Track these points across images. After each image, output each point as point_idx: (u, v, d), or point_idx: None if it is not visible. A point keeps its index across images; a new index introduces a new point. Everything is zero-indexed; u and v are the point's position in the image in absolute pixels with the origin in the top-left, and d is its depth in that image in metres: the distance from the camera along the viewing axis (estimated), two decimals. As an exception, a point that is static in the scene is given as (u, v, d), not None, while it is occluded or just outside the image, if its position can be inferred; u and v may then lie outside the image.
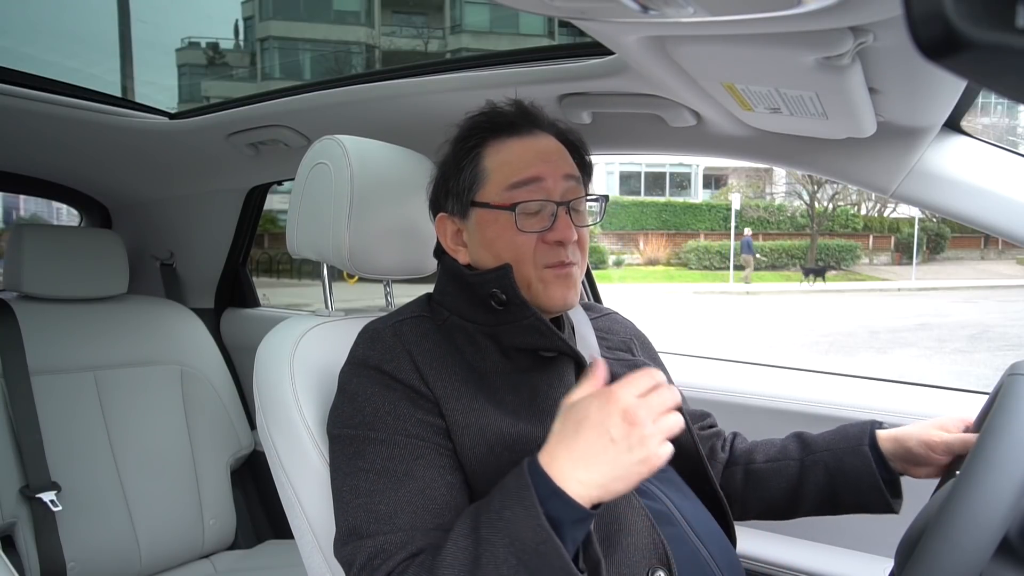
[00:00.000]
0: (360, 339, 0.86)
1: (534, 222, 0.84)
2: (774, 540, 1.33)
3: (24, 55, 19.87)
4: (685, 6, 0.61)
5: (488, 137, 0.88)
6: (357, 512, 0.75)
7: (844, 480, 0.94)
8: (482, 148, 0.88)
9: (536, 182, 0.85)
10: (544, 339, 0.83)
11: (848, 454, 0.95)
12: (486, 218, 0.86)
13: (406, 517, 0.73)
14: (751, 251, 19.22)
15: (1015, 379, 0.68)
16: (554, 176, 0.86)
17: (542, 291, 0.85)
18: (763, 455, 1.03)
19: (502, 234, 0.85)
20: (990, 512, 0.57)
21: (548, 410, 0.82)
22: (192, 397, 1.78)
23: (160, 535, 1.63)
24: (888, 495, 0.92)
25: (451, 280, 0.90)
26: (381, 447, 0.77)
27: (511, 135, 0.88)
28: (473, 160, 0.87)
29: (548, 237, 0.84)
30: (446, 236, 0.91)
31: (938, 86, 0.84)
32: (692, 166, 25.46)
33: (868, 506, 0.95)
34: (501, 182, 0.85)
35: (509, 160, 0.86)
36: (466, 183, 0.87)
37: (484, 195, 0.86)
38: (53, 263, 1.64)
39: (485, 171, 0.87)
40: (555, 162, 0.87)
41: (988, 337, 11.04)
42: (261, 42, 23.50)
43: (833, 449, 0.97)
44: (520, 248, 0.84)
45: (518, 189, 0.84)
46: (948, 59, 0.24)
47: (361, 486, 0.75)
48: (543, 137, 0.89)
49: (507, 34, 22.98)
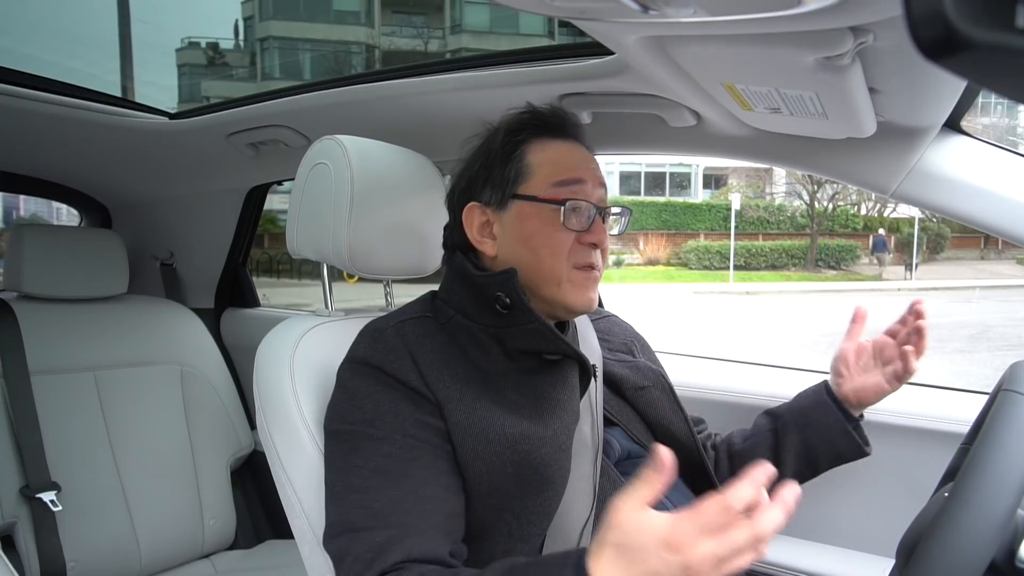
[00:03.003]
0: (361, 338, 0.85)
1: (576, 222, 0.85)
2: (774, 540, 1.33)
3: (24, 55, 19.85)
4: (685, 6, 0.61)
5: (533, 134, 0.89)
6: (351, 508, 0.75)
7: (815, 432, 1.02)
8: (527, 144, 0.89)
9: (580, 183, 0.87)
10: (548, 343, 0.83)
11: (811, 409, 1.03)
12: (527, 211, 0.86)
13: (399, 515, 0.73)
14: (885, 250, 20.01)
15: (1008, 395, 0.68)
16: (593, 182, 0.88)
17: (570, 290, 0.86)
18: (740, 437, 1.09)
19: (543, 228, 0.85)
20: (983, 528, 0.57)
21: (551, 411, 0.82)
22: (192, 397, 1.78)
23: (160, 535, 1.63)
24: (857, 438, 1.01)
25: (458, 279, 0.89)
26: (379, 445, 0.77)
27: (555, 136, 0.90)
28: (519, 153, 0.88)
29: (585, 238, 0.86)
30: (472, 226, 0.90)
31: (938, 86, 0.84)
32: (692, 166, 25.45)
33: (843, 453, 1.02)
34: (548, 178, 0.86)
35: (556, 159, 0.88)
36: (511, 174, 0.88)
37: (529, 188, 0.87)
38: (53, 263, 1.64)
39: (530, 165, 0.88)
40: (593, 169, 0.90)
41: (988, 337, 11.03)
42: (261, 42, 23.50)
43: (797, 408, 1.05)
44: (558, 244, 0.85)
45: (564, 187, 0.86)
46: (948, 59, 0.24)
47: (355, 482, 0.75)
48: (580, 146, 0.92)
49: (507, 34, 22.97)
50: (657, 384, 1.00)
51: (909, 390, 1.32)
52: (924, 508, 0.69)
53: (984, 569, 0.57)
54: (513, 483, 0.78)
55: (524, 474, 0.78)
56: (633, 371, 1.01)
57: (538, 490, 0.79)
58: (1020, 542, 0.59)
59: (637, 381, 0.99)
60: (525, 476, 0.78)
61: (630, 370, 1.01)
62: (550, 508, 0.81)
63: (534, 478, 0.79)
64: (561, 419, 0.82)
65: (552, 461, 0.80)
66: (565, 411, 0.83)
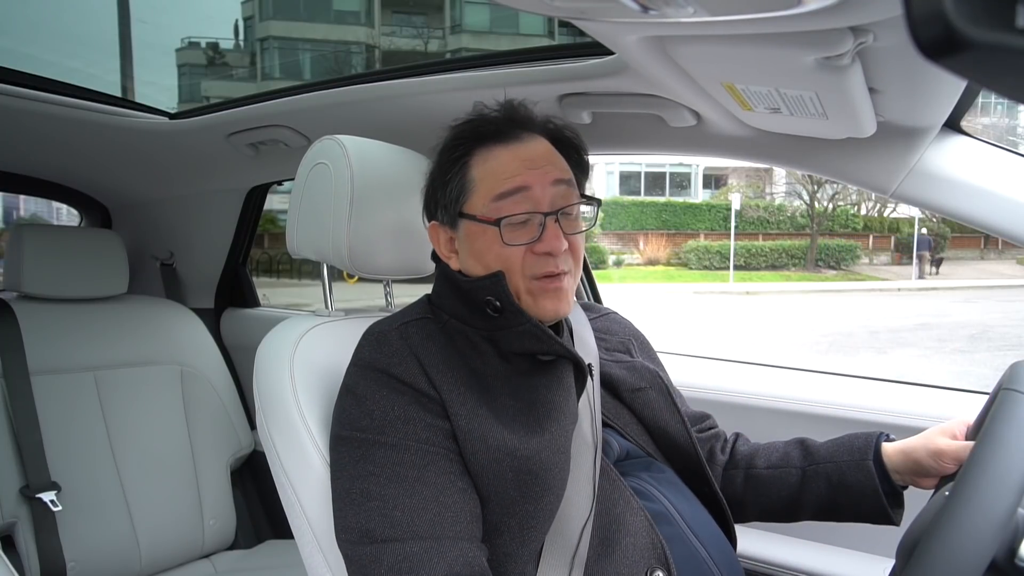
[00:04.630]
0: (365, 341, 0.85)
1: (521, 234, 0.83)
2: (774, 540, 1.33)
3: (24, 55, 19.87)
4: (685, 6, 0.61)
5: (474, 146, 0.86)
6: (371, 515, 0.74)
7: (846, 493, 0.94)
8: (469, 157, 0.86)
9: (522, 191, 0.83)
10: (542, 343, 0.83)
11: (852, 468, 0.93)
12: (473, 230, 0.85)
13: (425, 525, 0.72)
14: (928, 248, 20.35)
15: (1008, 394, 0.68)
16: (542, 183, 0.84)
17: (532, 303, 0.84)
18: (764, 460, 1.02)
19: (490, 247, 0.84)
20: (984, 527, 0.57)
21: (548, 415, 0.82)
22: (192, 397, 1.78)
23: (160, 535, 1.63)
24: (889, 508, 0.92)
25: (446, 284, 0.89)
26: (391, 452, 0.76)
27: (497, 142, 0.86)
28: (460, 170, 0.86)
29: (536, 248, 0.83)
30: (439, 243, 0.91)
31: (938, 86, 0.84)
32: (692, 166, 25.44)
33: (868, 517, 0.94)
34: (487, 193, 0.84)
35: (495, 170, 0.85)
36: (453, 194, 0.86)
37: (471, 207, 0.85)
38: (53, 263, 1.64)
39: (472, 181, 0.85)
40: (543, 168, 0.85)
41: (988, 337, 11.03)
42: (261, 42, 23.49)
43: (836, 461, 0.95)
44: (508, 260, 0.83)
45: (504, 200, 0.83)
46: (948, 59, 0.24)
47: (372, 490, 0.75)
48: (532, 141, 0.87)
49: (507, 34, 22.97)
50: (654, 385, 0.98)
51: (909, 390, 1.32)
52: (924, 507, 0.69)
53: (984, 568, 0.57)
54: (514, 488, 0.78)
55: (524, 480, 0.78)
56: (630, 372, 1.00)
57: (539, 495, 0.79)
58: (1020, 541, 0.59)
59: (633, 383, 0.98)
60: (525, 482, 0.78)
61: (627, 371, 1.00)
62: (551, 511, 0.81)
63: (534, 484, 0.78)
64: (559, 422, 0.82)
65: (552, 466, 0.79)
66: (562, 414, 0.83)
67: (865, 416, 1.27)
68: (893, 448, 0.93)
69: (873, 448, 0.94)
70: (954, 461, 0.86)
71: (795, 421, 1.33)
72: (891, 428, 1.22)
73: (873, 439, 0.95)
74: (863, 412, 1.28)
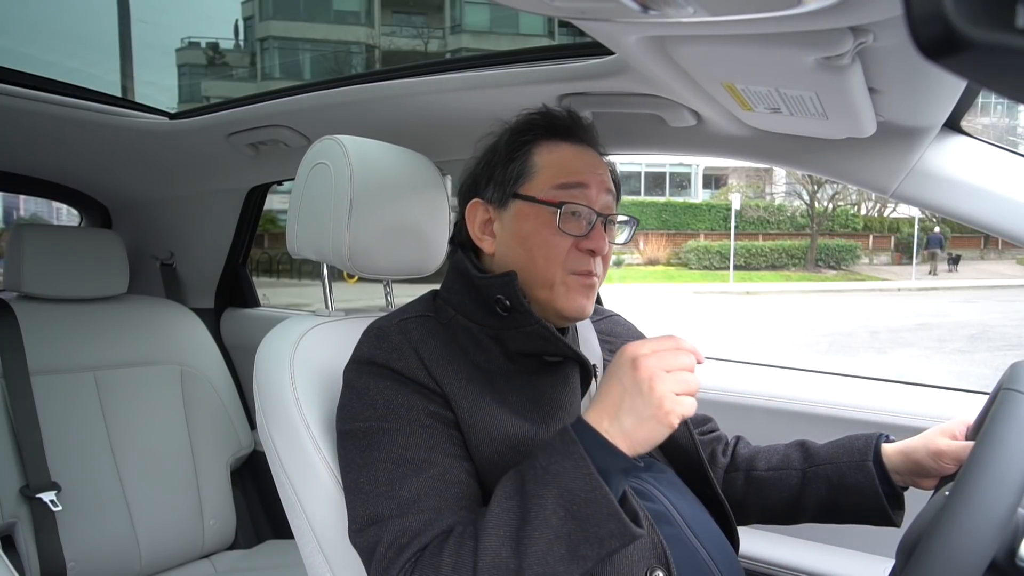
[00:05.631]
0: (365, 338, 0.85)
1: (573, 226, 0.85)
2: (774, 540, 1.33)
3: (24, 55, 19.88)
4: (685, 6, 0.61)
5: (542, 135, 0.89)
6: (378, 500, 0.74)
7: (846, 494, 0.94)
8: (534, 144, 0.89)
9: (582, 188, 0.86)
10: (548, 344, 0.83)
11: (852, 469, 0.94)
12: (526, 212, 0.86)
13: (431, 501, 0.73)
14: (940, 246, 20.43)
15: (1008, 394, 0.68)
16: (598, 187, 0.87)
17: (563, 294, 0.85)
18: (765, 462, 1.03)
19: (540, 230, 0.85)
20: (984, 527, 0.57)
21: (553, 413, 0.82)
22: (192, 397, 1.78)
23: (160, 535, 1.63)
24: (890, 509, 0.92)
25: (459, 278, 0.89)
26: (396, 437, 0.76)
27: (565, 139, 0.89)
28: (524, 153, 0.88)
29: (583, 244, 0.85)
30: (474, 223, 0.90)
31: (938, 86, 0.84)
32: (692, 166, 25.46)
33: (869, 518, 0.95)
34: (549, 180, 0.86)
35: (560, 161, 0.87)
36: (513, 173, 0.88)
37: (530, 189, 0.87)
38: (53, 263, 1.64)
39: (534, 166, 0.87)
40: (600, 175, 0.88)
41: (988, 337, 11.04)
42: (261, 42, 23.51)
43: (837, 463, 0.96)
44: (554, 248, 0.84)
45: (565, 190, 0.85)
46: (948, 59, 0.24)
47: (380, 476, 0.75)
48: (590, 150, 0.91)
49: (507, 34, 22.98)
50: None
51: (909, 390, 1.33)
52: (925, 507, 0.69)
53: (985, 568, 0.57)
54: None
55: None
56: None
57: None
58: (1021, 541, 0.59)
59: None
60: None
61: None
62: None
63: None
64: (563, 421, 0.82)
65: None
66: (567, 413, 0.83)
67: (865, 416, 1.27)
68: (893, 449, 0.94)
69: (873, 449, 0.94)
70: (954, 461, 0.87)
71: (795, 421, 1.33)
72: (891, 428, 1.22)
73: (873, 440, 0.96)
74: (863, 412, 1.28)
